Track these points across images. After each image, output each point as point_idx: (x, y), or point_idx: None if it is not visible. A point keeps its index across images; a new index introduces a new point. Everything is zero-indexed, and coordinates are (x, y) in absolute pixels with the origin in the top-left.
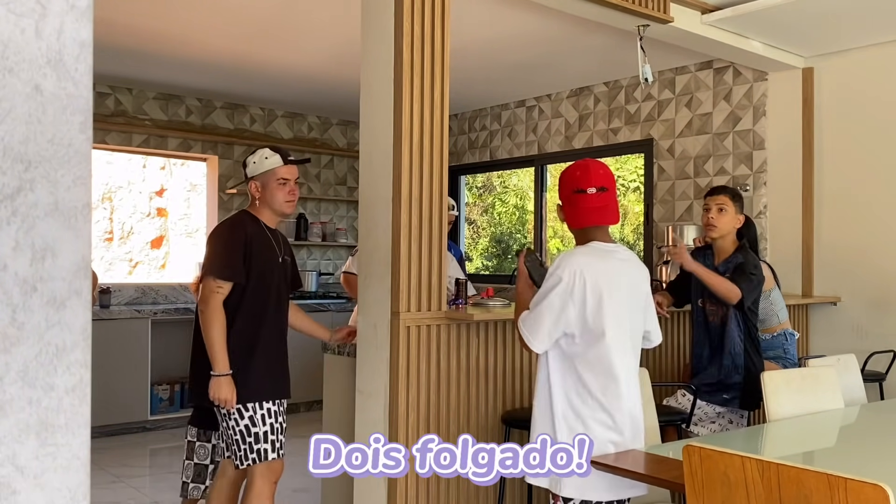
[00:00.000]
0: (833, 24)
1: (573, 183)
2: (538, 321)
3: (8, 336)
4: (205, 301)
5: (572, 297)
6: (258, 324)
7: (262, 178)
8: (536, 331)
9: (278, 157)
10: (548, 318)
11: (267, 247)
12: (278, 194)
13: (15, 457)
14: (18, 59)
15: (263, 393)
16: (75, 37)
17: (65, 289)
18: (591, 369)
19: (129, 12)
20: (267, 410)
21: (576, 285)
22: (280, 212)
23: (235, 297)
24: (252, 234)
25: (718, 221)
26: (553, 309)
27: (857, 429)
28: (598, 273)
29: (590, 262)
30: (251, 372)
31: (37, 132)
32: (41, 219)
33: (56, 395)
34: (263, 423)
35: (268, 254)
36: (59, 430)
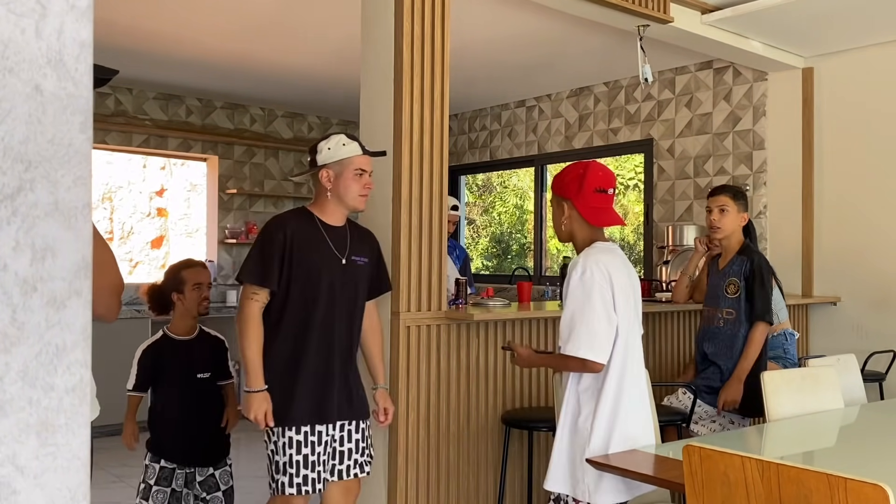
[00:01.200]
0: (833, 24)
1: (596, 182)
2: (592, 330)
3: (8, 336)
4: (239, 309)
5: (607, 294)
6: (293, 340)
7: (335, 167)
8: (593, 340)
9: (356, 146)
10: (601, 323)
11: (321, 249)
12: (353, 185)
13: (15, 457)
14: (18, 59)
15: (284, 419)
16: (75, 37)
17: (65, 289)
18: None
19: (128, 12)
20: (288, 440)
21: (605, 282)
22: (352, 206)
23: (275, 307)
24: (296, 234)
25: (721, 223)
26: (599, 311)
27: (857, 429)
28: (613, 270)
29: (607, 259)
30: (273, 393)
31: (37, 132)
32: (41, 219)
33: (56, 395)
34: (283, 454)
35: (321, 257)
36: (59, 430)
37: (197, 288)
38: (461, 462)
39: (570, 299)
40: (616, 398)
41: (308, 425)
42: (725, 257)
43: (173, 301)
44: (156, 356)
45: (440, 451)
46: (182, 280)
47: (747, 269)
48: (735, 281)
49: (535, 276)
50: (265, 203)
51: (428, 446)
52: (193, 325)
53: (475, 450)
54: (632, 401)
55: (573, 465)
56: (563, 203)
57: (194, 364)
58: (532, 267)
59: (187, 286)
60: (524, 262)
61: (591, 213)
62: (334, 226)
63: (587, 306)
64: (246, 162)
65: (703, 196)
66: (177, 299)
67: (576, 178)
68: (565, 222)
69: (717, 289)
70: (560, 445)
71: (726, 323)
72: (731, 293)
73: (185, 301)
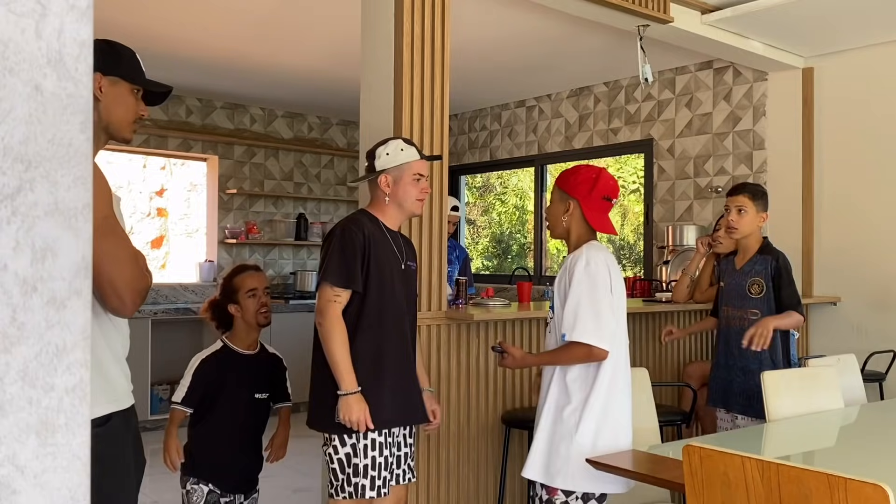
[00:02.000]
0: (833, 24)
1: (607, 190)
2: (599, 317)
3: (8, 336)
4: (321, 312)
5: (608, 288)
6: (373, 341)
7: (394, 172)
8: (600, 328)
9: (414, 151)
10: (606, 312)
11: (388, 251)
12: (412, 190)
13: (15, 457)
14: (18, 59)
15: (379, 422)
16: (75, 37)
17: (65, 289)
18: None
19: (129, 12)
20: (371, 441)
21: (606, 275)
22: (410, 211)
23: (352, 309)
24: (371, 237)
25: (739, 223)
26: (605, 300)
27: (857, 429)
28: (612, 267)
29: (605, 256)
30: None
31: (37, 132)
32: (41, 219)
33: (56, 395)
34: (365, 456)
35: (389, 259)
36: (59, 430)
37: (252, 295)
38: (461, 462)
39: (576, 288)
40: (609, 392)
41: (397, 427)
42: (744, 256)
43: (232, 314)
44: (215, 369)
45: (440, 450)
46: (234, 288)
47: (773, 269)
48: (759, 281)
49: (535, 276)
50: (265, 203)
51: (428, 446)
52: (255, 338)
53: (475, 450)
54: (622, 396)
55: (551, 454)
56: (568, 200)
57: (254, 382)
58: (532, 267)
59: (241, 294)
60: (524, 262)
61: (595, 218)
62: (393, 230)
63: (594, 294)
64: (246, 162)
65: (703, 196)
66: (235, 311)
67: (588, 180)
68: (566, 219)
69: (740, 289)
70: (541, 435)
71: (751, 324)
72: (755, 293)
73: (242, 312)
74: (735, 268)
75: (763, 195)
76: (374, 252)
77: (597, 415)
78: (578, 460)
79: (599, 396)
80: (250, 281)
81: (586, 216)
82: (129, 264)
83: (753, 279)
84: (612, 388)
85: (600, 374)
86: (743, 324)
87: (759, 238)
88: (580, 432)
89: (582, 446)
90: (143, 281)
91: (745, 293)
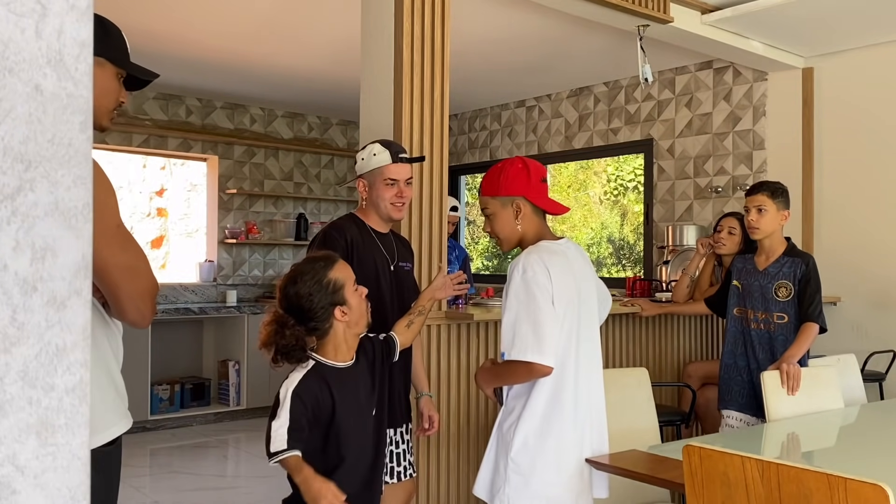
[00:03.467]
0: (833, 24)
1: (539, 172)
2: (539, 331)
3: (8, 336)
4: None
5: (549, 295)
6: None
7: (369, 177)
8: (541, 342)
9: (387, 154)
10: (547, 324)
11: (374, 254)
12: (385, 195)
13: (15, 457)
14: (18, 59)
15: None
16: (75, 37)
17: (65, 289)
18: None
19: (129, 12)
20: None
21: (548, 282)
22: (385, 214)
23: None
24: (354, 240)
25: (759, 223)
26: (546, 311)
27: (857, 429)
28: (556, 271)
29: (549, 258)
30: None
31: (37, 132)
32: (41, 219)
33: (56, 395)
34: None
35: (375, 262)
36: (59, 430)
37: (356, 289)
38: (461, 462)
39: (513, 300)
40: (548, 408)
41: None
42: (768, 257)
43: (337, 320)
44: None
45: (440, 450)
46: (338, 285)
47: (801, 273)
48: (787, 284)
49: None
50: (265, 203)
51: (428, 446)
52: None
53: (475, 450)
54: (569, 411)
55: (495, 471)
56: (514, 202)
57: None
58: None
59: (348, 289)
60: None
61: (546, 203)
62: (381, 232)
63: (532, 306)
64: (246, 162)
65: (703, 196)
66: (341, 316)
67: (520, 171)
68: (520, 222)
69: (765, 291)
70: (488, 449)
71: (777, 328)
72: (782, 297)
73: (350, 312)
74: (757, 269)
75: (783, 193)
76: (357, 256)
77: (533, 431)
78: (515, 480)
79: (536, 412)
80: (347, 270)
81: (539, 205)
82: (146, 275)
83: (781, 282)
84: (555, 403)
85: (536, 390)
86: (768, 328)
87: (781, 239)
88: (514, 449)
89: (518, 465)
90: (157, 287)
91: (771, 296)
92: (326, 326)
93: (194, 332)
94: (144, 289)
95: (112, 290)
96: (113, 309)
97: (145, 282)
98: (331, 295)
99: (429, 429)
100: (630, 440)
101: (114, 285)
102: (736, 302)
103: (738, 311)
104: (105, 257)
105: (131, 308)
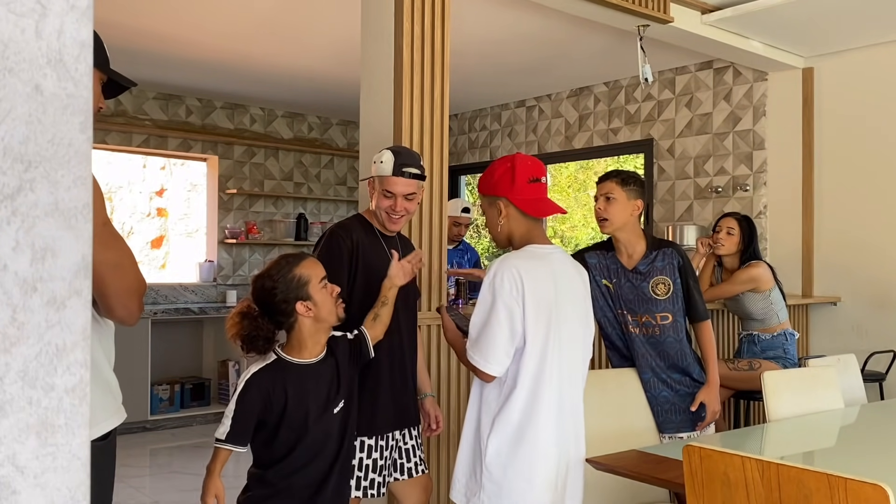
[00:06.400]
0: (833, 24)
1: (528, 171)
2: (490, 341)
3: (8, 336)
4: None
5: (515, 304)
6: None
7: (375, 182)
8: (489, 351)
9: (390, 165)
10: (501, 335)
11: (379, 256)
12: (382, 203)
13: (15, 457)
14: (18, 59)
15: (370, 428)
16: (75, 37)
17: (65, 289)
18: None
19: (129, 12)
20: (360, 443)
21: (515, 291)
22: (381, 221)
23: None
24: (359, 242)
25: (608, 212)
26: (502, 321)
27: (857, 429)
28: (529, 279)
29: (527, 266)
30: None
31: (37, 132)
32: (41, 219)
33: (56, 395)
34: (352, 457)
35: (379, 264)
36: (59, 430)
37: (324, 286)
38: None
39: (480, 302)
40: (523, 417)
41: (390, 432)
42: (632, 255)
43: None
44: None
45: (440, 450)
46: (303, 281)
47: (678, 264)
48: (664, 280)
49: None
50: (265, 203)
51: (428, 446)
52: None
53: None
54: (546, 421)
55: (470, 476)
56: (497, 202)
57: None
58: None
59: (313, 286)
60: None
61: (530, 205)
62: (387, 234)
63: (491, 314)
64: (246, 162)
65: (703, 196)
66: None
67: (506, 172)
68: (502, 223)
69: (640, 291)
70: (461, 452)
71: (663, 329)
72: (661, 294)
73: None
74: (625, 267)
75: (636, 181)
76: (362, 257)
77: (507, 438)
78: (489, 487)
79: (510, 420)
80: (317, 267)
81: (521, 208)
82: (133, 272)
83: (658, 278)
84: (530, 412)
85: (513, 398)
86: (652, 331)
87: (639, 231)
88: (489, 456)
89: (492, 473)
90: (144, 284)
91: (650, 295)
92: (291, 321)
93: (194, 332)
94: (131, 286)
95: (100, 287)
96: (101, 306)
97: (132, 279)
98: (295, 290)
99: (435, 429)
100: (630, 440)
101: (101, 282)
102: (609, 304)
103: (618, 314)
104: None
105: (118, 305)
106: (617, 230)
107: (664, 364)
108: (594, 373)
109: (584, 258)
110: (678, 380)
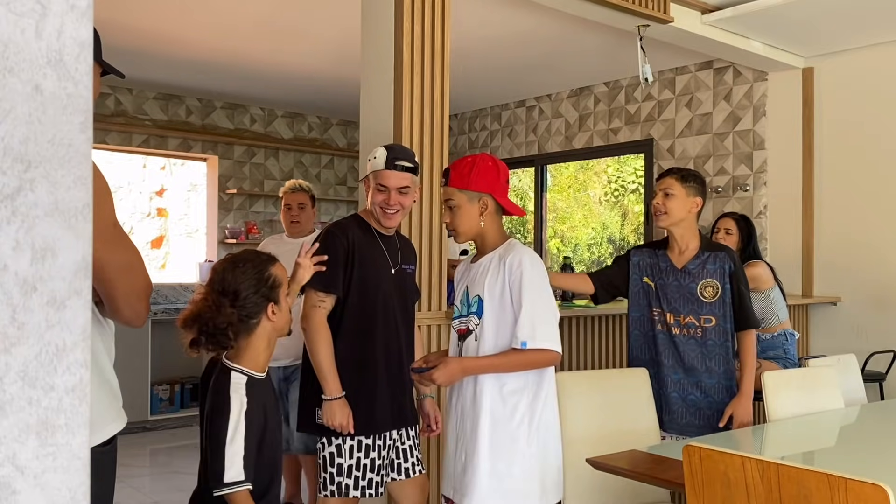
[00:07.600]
0: (833, 24)
1: (506, 173)
2: (552, 320)
3: (8, 336)
4: (306, 317)
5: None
6: (359, 345)
7: (369, 179)
8: (555, 331)
9: (383, 160)
10: (555, 312)
11: (376, 256)
12: (376, 199)
13: (15, 457)
14: (18, 59)
15: (366, 426)
16: (75, 37)
17: (65, 289)
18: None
19: (129, 12)
20: (357, 443)
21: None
22: (377, 218)
23: (337, 314)
24: (356, 241)
25: (666, 206)
26: (553, 301)
27: (857, 429)
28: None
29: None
30: (349, 400)
31: (37, 132)
32: (41, 219)
33: (56, 395)
34: (350, 456)
35: (376, 264)
36: (59, 430)
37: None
38: None
39: (529, 291)
40: (551, 399)
41: (365, 434)
42: (683, 252)
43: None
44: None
45: (440, 450)
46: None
47: (729, 268)
48: (713, 282)
49: None
50: (265, 203)
51: (428, 446)
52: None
53: None
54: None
55: (503, 477)
56: (480, 198)
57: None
58: None
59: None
60: None
61: (509, 204)
62: (385, 234)
63: (546, 294)
64: (246, 162)
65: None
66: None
67: (490, 169)
68: (483, 218)
69: (688, 291)
70: (481, 457)
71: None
72: (709, 297)
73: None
74: (675, 266)
75: (695, 179)
76: (359, 257)
77: (548, 425)
78: (537, 475)
79: (549, 405)
80: (285, 274)
81: (504, 206)
82: (141, 273)
83: (707, 281)
84: (552, 396)
85: (546, 380)
86: (696, 333)
87: (695, 230)
88: (533, 445)
89: (537, 458)
90: (151, 286)
91: (697, 297)
92: (254, 322)
93: None
94: (140, 287)
95: (108, 288)
96: (108, 307)
97: (140, 280)
98: (268, 290)
99: (434, 430)
100: (630, 440)
101: (109, 284)
102: (648, 303)
103: (655, 314)
104: (101, 256)
105: (126, 307)
106: (673, 224)
107: (700, 367)
108: (595, 373)
109: (629, 255)
110: (712, 385)
